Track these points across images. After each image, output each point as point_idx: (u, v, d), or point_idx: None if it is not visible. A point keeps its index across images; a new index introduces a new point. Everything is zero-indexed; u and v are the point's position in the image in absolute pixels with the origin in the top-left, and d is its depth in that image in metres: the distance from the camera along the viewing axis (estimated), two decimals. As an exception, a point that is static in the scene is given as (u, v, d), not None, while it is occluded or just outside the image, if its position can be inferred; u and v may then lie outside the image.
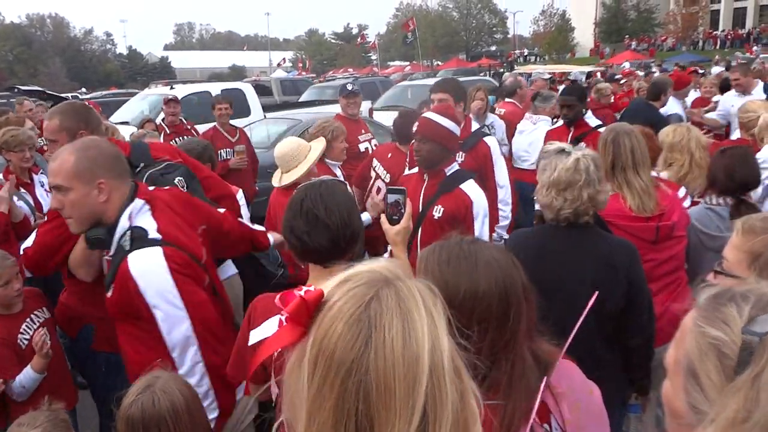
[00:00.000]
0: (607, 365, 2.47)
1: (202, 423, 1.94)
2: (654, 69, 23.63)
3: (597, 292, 1.77)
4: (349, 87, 6.22)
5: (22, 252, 2.92)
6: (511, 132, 7.07)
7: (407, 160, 4.64)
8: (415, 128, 3.54)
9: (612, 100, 9.39)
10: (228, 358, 2.17)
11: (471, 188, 3.54)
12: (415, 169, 3.91)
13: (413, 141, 3.98)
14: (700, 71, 13.05)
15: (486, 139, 4.58)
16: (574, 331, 1.56)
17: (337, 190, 2.04)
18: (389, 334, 0.89)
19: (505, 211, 4.54)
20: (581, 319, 1.58)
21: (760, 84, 7.77)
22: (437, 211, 3.52)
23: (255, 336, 1.99)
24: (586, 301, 1.64)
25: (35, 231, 2.96)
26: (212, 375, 2.37)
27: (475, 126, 4.75)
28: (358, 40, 63.79)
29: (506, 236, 4.36)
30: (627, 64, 29.34)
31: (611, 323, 2.51)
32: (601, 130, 4.64)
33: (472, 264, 1.53)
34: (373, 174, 4.99)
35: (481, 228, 3.51)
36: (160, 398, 1.85)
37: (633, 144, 3.13)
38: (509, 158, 6.97)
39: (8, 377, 2.88)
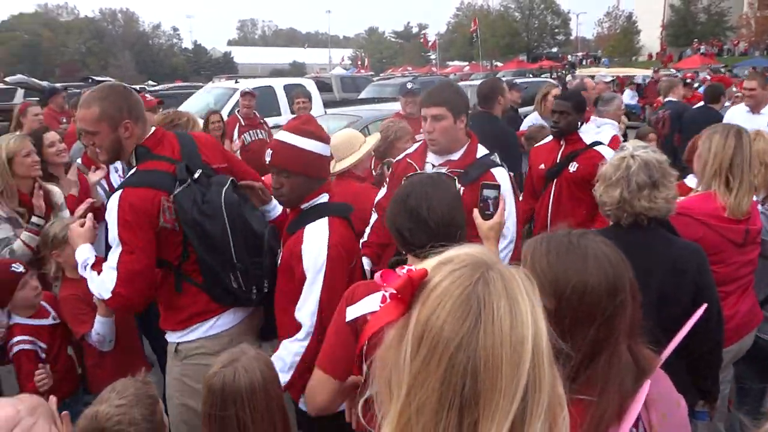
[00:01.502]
0: (673, 371, 2.44)
1: (277, 403, 2.01)
2: (723, 73, 22.84)
3: (705, 305, 1.77)
4: (410, 86, 6.29)
5: (105, 295, 2.62)
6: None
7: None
8: (268, 156, 2.67)
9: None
10: None
11: (312, 232, 2.58)
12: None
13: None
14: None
15: (495, 171, 3.29)
16: (677, 341, 1.56)
17: (443, 186, 2.04)
18: (497, 314, 0.93)
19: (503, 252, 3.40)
20: (686, 330, 1.57)
21: None
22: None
23: (352, 312, 2.00)
24: (651, 306, 1.62)
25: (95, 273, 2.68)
26: None
27: (483, 151, 3.39)
28: (421, 40, 63.79)
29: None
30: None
31: (678, 328, 2.48)
32: (598, 148, 4.30)
33: (581, 257, 1.52)
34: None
35: (307, 284, 2.54)
36: (240, 375, 1.93)
37: (751, 143, 3.11)
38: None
39: (88, 329, 3.14)
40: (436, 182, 2.05)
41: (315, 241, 2.55)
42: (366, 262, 3.76)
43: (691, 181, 3.67)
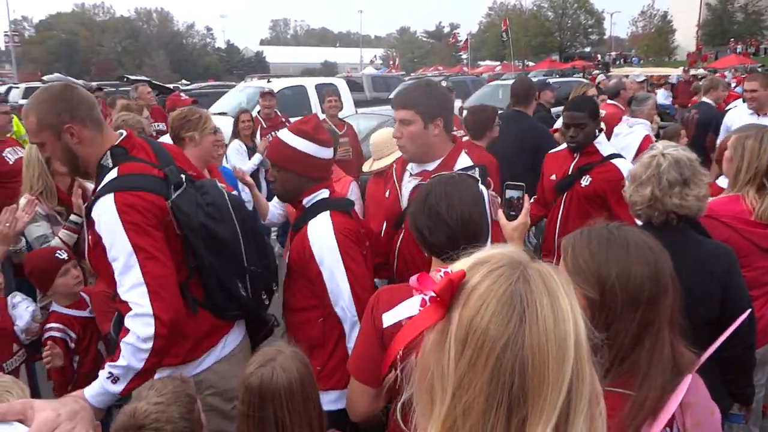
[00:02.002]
0: (707, 376, 2.39)
1: (314, 402, 2.01)
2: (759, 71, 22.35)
3: (749, 310, 1.76)
4: (444, 84, 6.28)
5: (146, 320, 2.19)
6: (608, 134, 6.92)
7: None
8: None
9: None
10: None
11: (316, 226, 2.59)
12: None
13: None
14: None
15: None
16: (718, 344, 1.58)
17: (463, 186, 2.04)
18: (541, 312, 0.93)
19: None
20: (727, 334, 1.57)
21: None
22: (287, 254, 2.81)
23: (389, 318, 1.98)
24: (681, 307, 1.62)
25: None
26: None
27: (464, 162, 3.01)
28: (450, 39, 63.64)
29: None
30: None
31: (708, 330, 2.43)
32: (615, 161, 3.88)
33: (623, 247, 1.57)
34: None
35: (330, 278, 2.53)
36: (278, 374, 1.94)
37: None
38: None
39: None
40: (456, 182, 2.06)
41: (321, 234, 2.55)
42: None
43: (723, 181, 3.60)
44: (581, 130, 3.92)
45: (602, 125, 4.19)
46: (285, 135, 2.71)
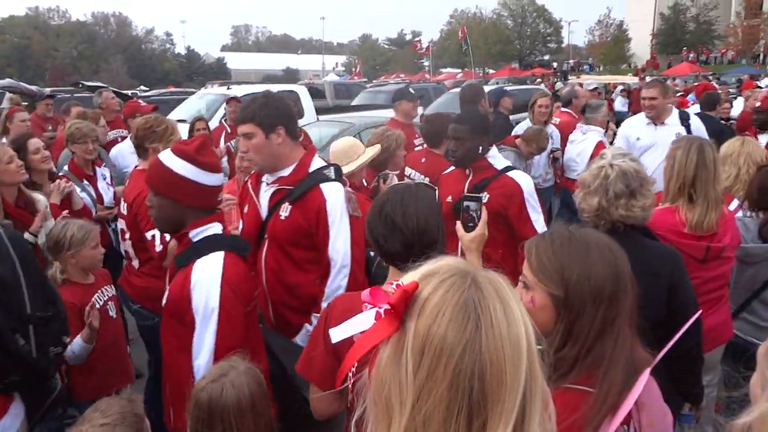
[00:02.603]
0: (657, 377, 2.45)
1: (265, 420, 1.99)
2: (711, 80, 23.04)
3: (700, 311, 1.82)
4: (412, 90, 6.34)
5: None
6: (563, 142, 7.06)
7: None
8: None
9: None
10: None
11: (204, 268, 2.35)
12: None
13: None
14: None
15: (325, 186, 3.00)
16: (673, 342, 1.63)
17: (420, 195, 2.05)
18: (495, 317, 0.96)
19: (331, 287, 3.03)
20: (678, 335, 1.62)
21: (675, 111, 5.96)
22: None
23: (339, 333, 1.98)
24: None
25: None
26: None
27: (317, 164, 3.12)
28: (418, 45, 63.99)
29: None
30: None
31: (656, 332, 2.49)
32: (512, 174, 3.70)
33: (584, 246, 1.65)
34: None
35: (199, 331, 2.32)
36: (228, 391, 1.92)
37: (715, 156, 3.12)
38: (562, 168, 6.98)
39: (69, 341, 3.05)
40: (413, 191, 2.07)
41: (207, 279, 2.29)
42: None
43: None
44: (461, 144, 3.70)
45: (524, 139, 4.14)
46: (164, 155, 2.45)
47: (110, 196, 5.06)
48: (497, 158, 3.83)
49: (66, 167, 4.96)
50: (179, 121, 10.87)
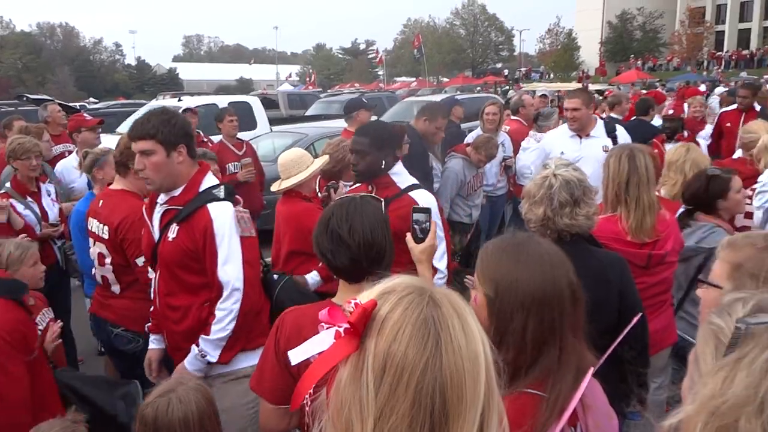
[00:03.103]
0: (606, 380, 2.49)
1: None
2: (657, 87, 23.72)
3: (640, 314, 1.86)
4: (366, 100, 6.34)
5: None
6: (515, 149, 7.16)
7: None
8: None
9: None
10: None
11: None
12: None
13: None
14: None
15: (212, 206, 2.86)
16: (614, 346, 1.63)
17: (366, 208, 2.05)
18: (454, 334, 0.97)
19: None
20: (622, 336, 1.65)
21: (600, 122, 5.57)
22: None
23: (298, 355, 1.95)
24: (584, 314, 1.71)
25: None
26: None
27: (209, 182, 2.97)
28: (370, 55, 64.18)
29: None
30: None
31: (608, 338, 2.53)
32: (415, 194, 3.30)
33: (515, 254, 1.69)
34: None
35: None
36: (175, 406, 1.88)
37: (647, 162, 3.17)
38: (514, 175, 7.08)
39: None
40: (358, 204, 2.07)
41: None
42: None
43: None
44: (362, 157, 3.37)
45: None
46: None
47: (55, 213, 4.92)
48: (402, 175, 3.45)
49: (8, 184, 4.81)
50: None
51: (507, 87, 30.48)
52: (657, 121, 8.11)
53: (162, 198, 3.00)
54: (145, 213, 3.12)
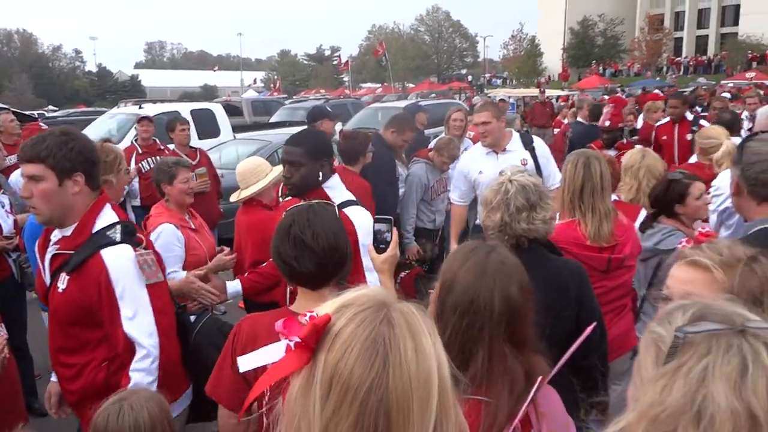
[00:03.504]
0: (565, 389, 2.51)
1: None
2: (618, 92, 24.14)
3: (594, 323, 1.92)
4: (330, 107, 6.34)
5: None
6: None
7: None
8: None
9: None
10: None
11: None
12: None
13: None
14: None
15: (107, 252, 2.45)
16: (568, 355, 1.66)
17: (324, 213, 2.07)
18: (404, 355, 0.95)
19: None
20: (576, 346, 1.67)
21: (516, 134, 5.13)
22: None
23: (248, 362, 1.93)
24: (539, 324, 1.73)
25: None
26: None
27: (104, 221, 2.54)
28: (335, 62, 64.18)
29: None
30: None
31: (565, 345, 2.56)
32: (349, 210, 2.88)
33: (461, 258, 1.79)
34: None
35: None
36: (126, 414, 1.86)
37: (602, 169, 3.22)
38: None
39: None
40: (317, 209, 2.08)
41: None
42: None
43: None
44: (296, 169, 3.03)
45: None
46: None
47: (10, 225, 4.79)
48: (336, 189, 3.15)
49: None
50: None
51: (471, 93, 30.80)
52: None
53: (56, 235, 2.58)
54: (37, 252, 2.73)
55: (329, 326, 0.99)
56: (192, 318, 2.94)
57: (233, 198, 4.25)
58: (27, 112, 14.44)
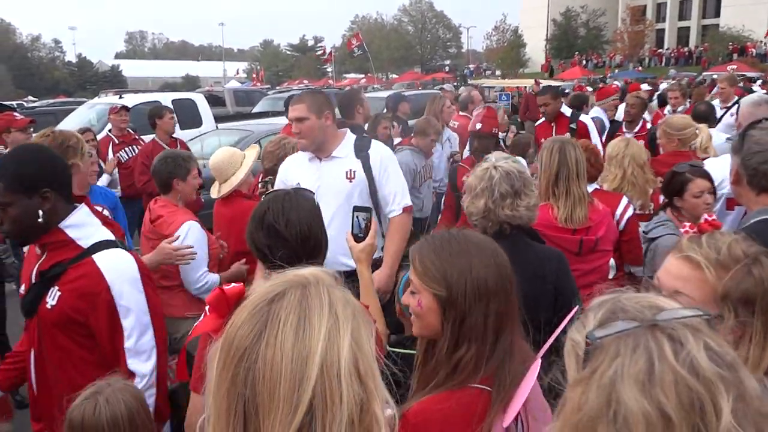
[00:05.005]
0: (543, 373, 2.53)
1: None
2: (599, 84, 24.25)
3: (577, 307, 1.89)
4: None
5: None
6: (462, 145, 7.20)
7: None
8: None
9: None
10: None
11: None
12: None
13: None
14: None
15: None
16: (553, 338, 1.65)
17: (300, 201, 2.05)
18: (282, 330, 0.96)
19: None
20: (558, 332, 1.66)
21: (350, 137, 3.70)
22: None
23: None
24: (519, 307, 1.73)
25: None
26: None
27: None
28: (318, 52, 63.80)
29: None
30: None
31: (545, 333, 2.56)
32: (101, 257, 2.25)
33: (463, 244, 1.71)
34: None
35: None
36: (102, 408, 1.84)
37: (578, 155, 3.26)
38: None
39: None
40: (292, 198, 2.06)
41: None
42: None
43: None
44: (3, 212, 2.27)
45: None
46: None
47: None
48: (84, 228, 2.32)
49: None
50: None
51: (456, 84, 30.78)
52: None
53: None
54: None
55: (245, 297, 1.06)
56: None
57: (213, 194, 4.11)
58: (6, 102, 14.18)
